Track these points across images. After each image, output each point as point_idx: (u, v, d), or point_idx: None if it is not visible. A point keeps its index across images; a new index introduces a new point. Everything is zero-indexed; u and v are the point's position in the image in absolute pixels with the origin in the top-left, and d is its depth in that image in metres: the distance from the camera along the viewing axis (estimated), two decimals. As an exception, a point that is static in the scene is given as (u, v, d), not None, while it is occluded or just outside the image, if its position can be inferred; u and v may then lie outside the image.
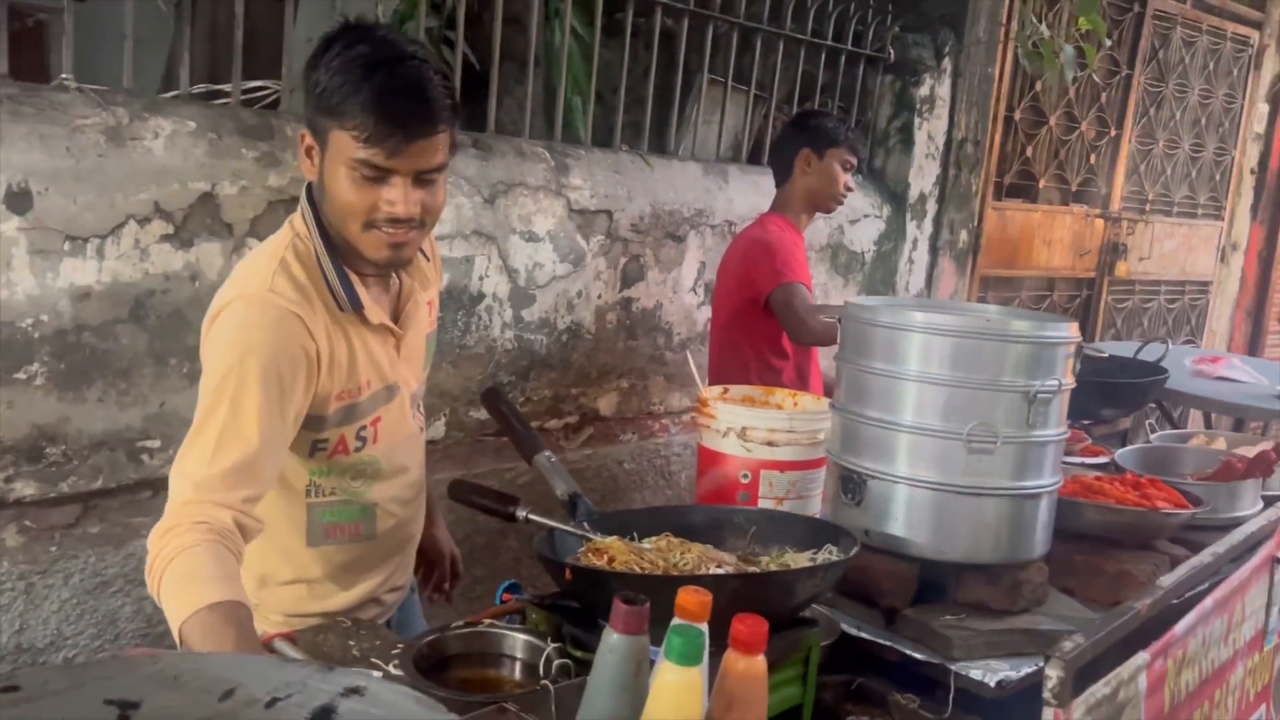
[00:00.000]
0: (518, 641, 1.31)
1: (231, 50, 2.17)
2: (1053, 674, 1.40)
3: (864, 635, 1.59)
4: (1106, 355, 2.49)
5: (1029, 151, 4.21)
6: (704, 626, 1.05)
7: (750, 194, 3.15)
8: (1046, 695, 1.39)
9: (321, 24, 2.31)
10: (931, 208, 3.77)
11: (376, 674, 1.22)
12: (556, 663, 1.23)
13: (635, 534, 1.49)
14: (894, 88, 3.65)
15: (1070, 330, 1.66)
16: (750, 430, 1.71)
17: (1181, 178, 5.12)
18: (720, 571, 1.34)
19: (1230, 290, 5.61)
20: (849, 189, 2.70)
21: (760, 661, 1.08)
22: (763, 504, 1.72)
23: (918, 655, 1.56)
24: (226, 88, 2.24)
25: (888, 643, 1.59)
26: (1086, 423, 2.58)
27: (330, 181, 1.35)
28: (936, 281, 3.82)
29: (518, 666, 1.30)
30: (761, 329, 2.58)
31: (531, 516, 1.50)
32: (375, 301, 1.46)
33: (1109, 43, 3.97)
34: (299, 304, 1.35)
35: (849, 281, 3.53)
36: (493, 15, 2.59)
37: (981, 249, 4.00)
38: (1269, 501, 2.20)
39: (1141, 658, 1.59)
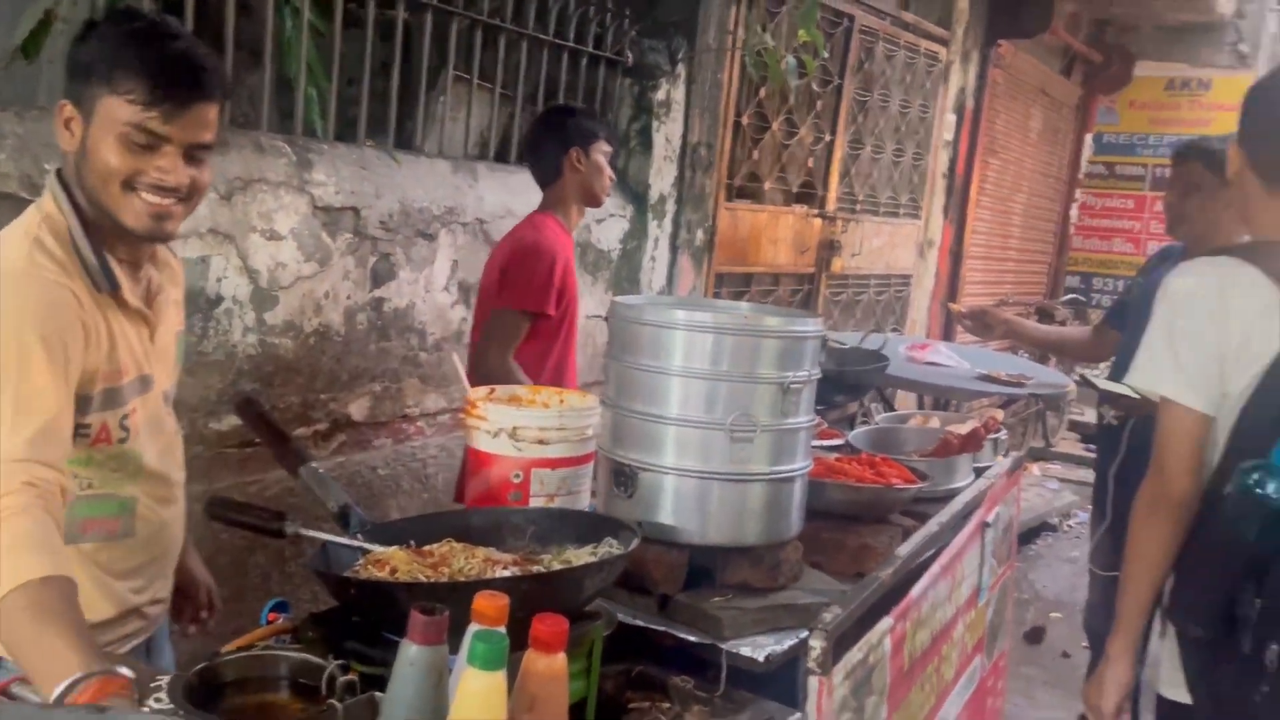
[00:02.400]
0: (295, 663, 1.25)
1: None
2: (816, 644, 1.50)
3: (641, 623, 1.65)
4: (847, 346, 2.70)
5: (755, 155, 4.47)
6: (504, 630, 1.06)
7: (500, 192, 3.15)
8: (811, 665, 1.50)
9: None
10: (671, 208, 3.92)
11: (144, 709, 1.12)
12: (341, 680, 1.19)
13: (413, 541, 1.46)
14: (633, 91, 3.76)
15: (817, 324, 1.79)
16: (521, 430, 1.72)
17: (886, 180, 5.60)
18: (508, 574, 1.34)
19: (927, 283, 6.20)
20: (613, 179, 2.77)
21: (560, 659, 1.10)
22: (535, 502, 1.73)
23: (691, 638, 1.63)
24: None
25: (663, 628, 1.65)
26: (821, 408, 2.78)
27: (95, 149, 1.32)
28: (677, 279, 3.98)
29: (297, 688, 1.25)
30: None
31: (302, 531, 1.44)
32: (129, 288, 1.41)
33: (825, 54, 4.27)
34: (62, 275, 1.32)
35: (597, 279, 3.60)
36: (221, 1, 2.44)
37: (716, 247, 4.20)
38: (979, 473, 2.47)
39: (886, 622, 1.74)
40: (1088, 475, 3.84)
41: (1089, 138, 8.26)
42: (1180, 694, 1.61)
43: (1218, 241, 2.63)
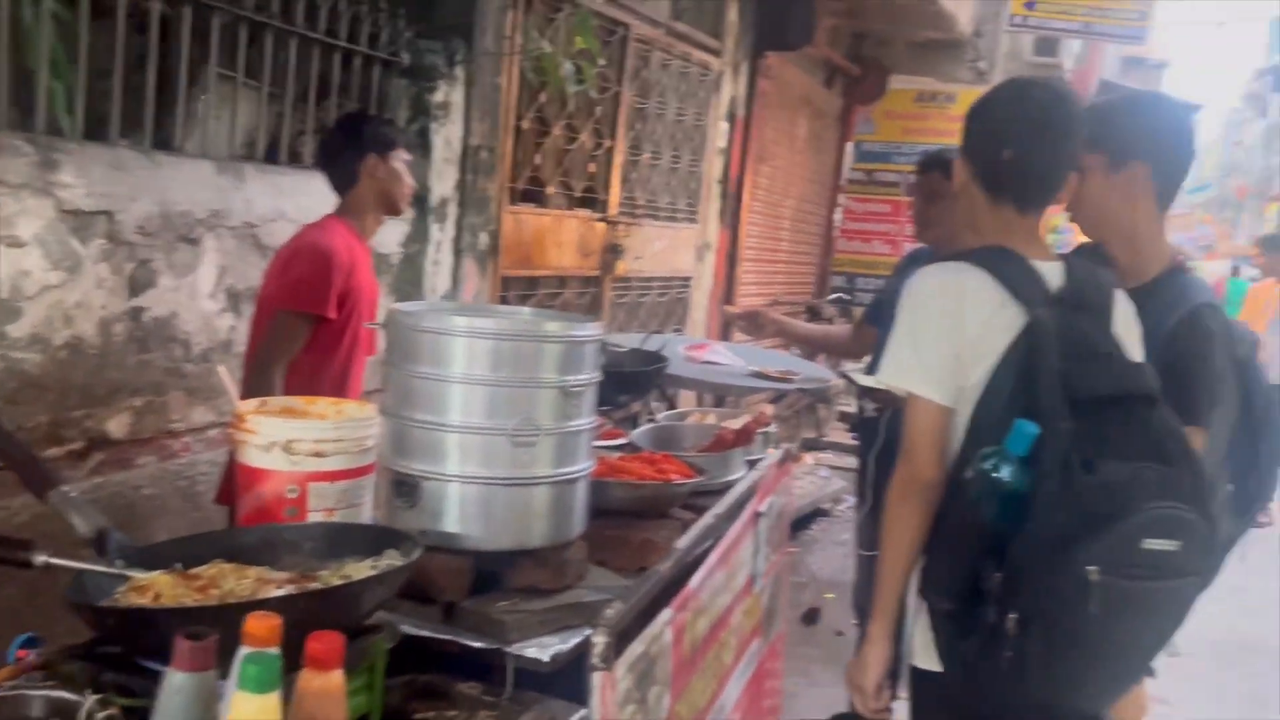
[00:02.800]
0: (49, 701, 1.17)
1: None
2: (599, 640, 1.54)
3: (424, 633, 1.63)
4: (629, 348, 2.77)
5: (538, 159, 4.50)
6: (277, 651, 1.03)
7: (271, 195, 3.02)
8: (594, 660, 1.54)
9: None
10: (453, 211, 3.89)
11: None
12: (100, 716, 1.12)
13: (180, 565, 1.39)
14: (410, 93, 3.71)
15: (596, 328, 1.83)
16: (296, 443, 1.66)
17: (665, 186, 5.76)
18: (282, 593, 1.30)
19: (706, 284, 6.43)
20: (413, 187, 2.73)
21: (337, 676, 1.08)
22: (313, 517, 1.68)
23: (476, 643, 1.64)
24: None
25: (447, 636, 1.65)
26: (605, 409, 2.84)
27: None
28: (461, 283, 3.95)
29: (52, 729, 1.17)
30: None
31: (53, 561, 1.34)
32: None
33: (603, 62, 4.35)
34: None
35: (379, 283, 3.52)
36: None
37: (501, 251, 4.20)
38: (751, 465, 2.60)
39: (667, 614, 1.80)
40: (855, 463, 4.10)
41: (850, 146, 8.79)
42: (932, 663, 1.75)
43: (960, 245, 2.87)
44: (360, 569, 1.44)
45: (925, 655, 1.76)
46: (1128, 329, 1.78)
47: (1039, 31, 9.43)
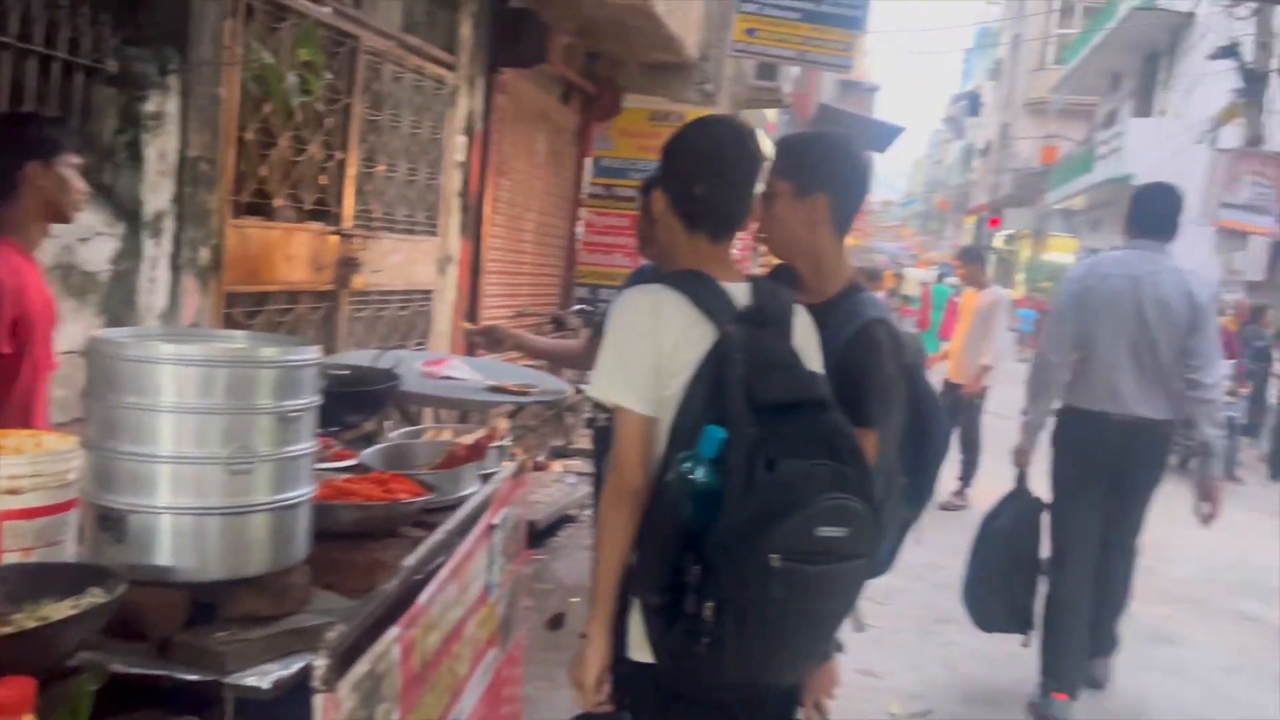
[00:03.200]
0: None
1: None
2: (320, 663, 1.57)
3: (138, 670, 1.59)
4: (349, 370, 2.76)
5: (264, 171, 4.36)
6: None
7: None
8: (316, 683, 1.56)
9: None
10: (170, 225, 3.71)
11: None
12: None
13: None
14: (119, 102, 3.50)
15: (315, 352, 1.84)
16: (-15, 481, 1.58)
17: (402, 198, 5.72)
18: (-32, 640, 1.24)
19: (449, 297, 6.42)
20: (85, 193, 2.56)
21: (30, 722, 1.06)
22: (9, 558, 1.60)
23: (192, 676, 1.61)
24: None
25: (162, 672, 1.61)
26: (335, 430, 2.82)
27: None
28: (181, 300, 3.77)
29: None
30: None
31: None
32: None
33: (329, 76, 4.28)
34: None
35: (84, 303, 3.31)
36: None
37: (224, 267, 4.04)
38: (486, 479, 2.67)
39: (393, 631, 1.85)
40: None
41: (589, 161, 9.04)
42: (645, 655, 1.89)
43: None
44: (60, 609, 1.40)
45: (639, 648, 1.90)
46: (807, 341, 2.00)
47: (759, 58, 10.10)
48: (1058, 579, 4.22)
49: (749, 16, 9.11)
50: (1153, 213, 4.18)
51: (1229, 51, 14.49)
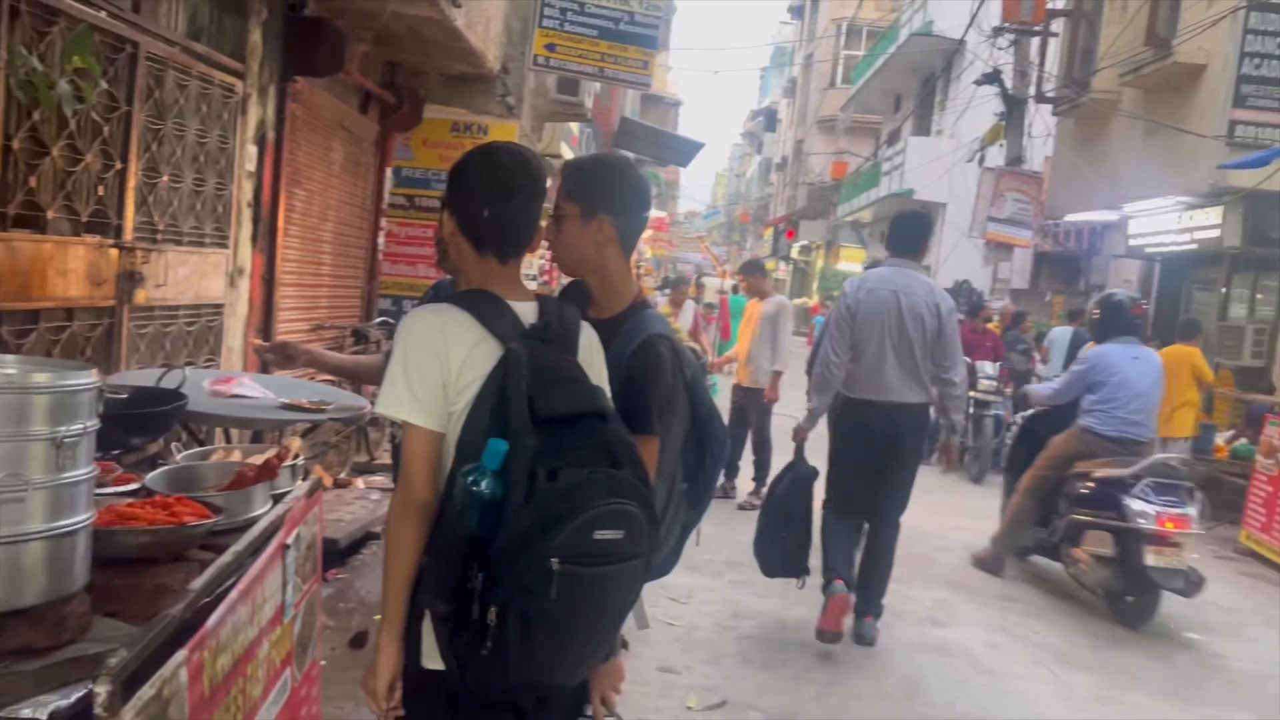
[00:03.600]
0: None
1: None
2: (101, 690, 1.56)
3: (-104, 712, 1.53)
4: (126, 395, 2.67)
5: (33, 182, 4.12)
6: None
7: None
8: (98, 711, 1.55)
9: None
10: (-75, 240, 3.47)
11: None
12: None
13: None
14: None
15: (92, 376, 1.81)
16: None
17: (189, 209, 5.50)
18: None
19: (241, 311, 6.22)
20: None
21: None
22: None
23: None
24: None
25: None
26: (117, 453, 2.73)
27: None
28: (-61, 320, 3.53)
29: None
30: None
31: None
32: None
33: (104, 84, 4.10)
34: None
35: None
36: None
37: (-11, 283, 3.81)
38: (278, 499, 2.65)
39: (180, 655, 1.84)
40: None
41: (389, 171, 8.93)
42: (436, 663, 1.96)
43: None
44: None
45: (430, 657, 1.97)
46: (592, 356, 2.12)
47: (559, 72, 10.26)
48: (829, 516, 5.29)
49: (549, 32, 9.25)
50: (906, 234, 5.21)
51: (992, 78, 15.80)
